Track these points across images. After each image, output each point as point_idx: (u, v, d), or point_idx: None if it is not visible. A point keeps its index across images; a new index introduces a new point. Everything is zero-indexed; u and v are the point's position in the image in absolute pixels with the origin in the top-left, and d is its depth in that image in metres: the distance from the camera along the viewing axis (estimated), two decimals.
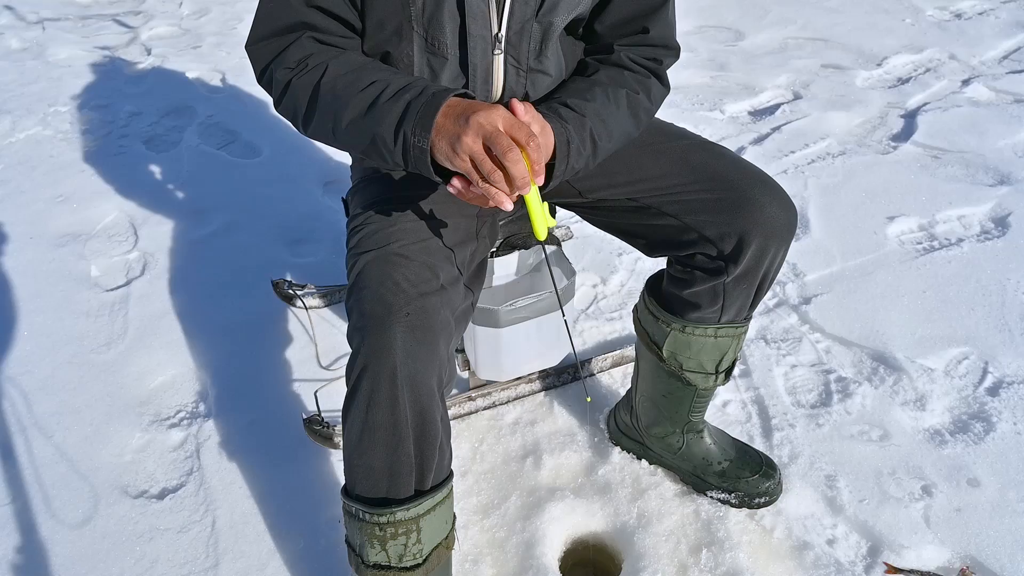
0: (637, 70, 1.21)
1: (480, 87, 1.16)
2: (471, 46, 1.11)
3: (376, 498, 1.08)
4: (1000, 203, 2.43)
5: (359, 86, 1.03)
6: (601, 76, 1.19)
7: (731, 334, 1.32)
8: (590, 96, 1.14)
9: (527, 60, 1.15)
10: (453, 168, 0.98)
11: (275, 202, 2.60)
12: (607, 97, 1.15)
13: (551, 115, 1.08)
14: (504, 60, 1.14)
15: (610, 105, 1.15)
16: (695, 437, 1.53)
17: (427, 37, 1.10)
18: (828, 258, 2.21)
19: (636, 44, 1.22)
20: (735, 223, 1.17)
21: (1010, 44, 3.73)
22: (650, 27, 1.20)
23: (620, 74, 1.20)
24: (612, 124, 1.14)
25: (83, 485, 1.61)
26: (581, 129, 1.09)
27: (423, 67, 1.14)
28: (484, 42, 1.11)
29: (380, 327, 1.00)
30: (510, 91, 1.18)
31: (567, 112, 1.10)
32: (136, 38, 4.21)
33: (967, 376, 1.80)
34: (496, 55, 1.13)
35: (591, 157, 1.12)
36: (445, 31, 1.10)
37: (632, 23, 1.21)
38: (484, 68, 1.14)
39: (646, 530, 1.46)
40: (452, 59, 1.12)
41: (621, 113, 1.16)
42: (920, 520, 1.47)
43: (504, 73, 1.15)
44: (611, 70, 1.20)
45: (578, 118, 1.10)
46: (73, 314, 2.09)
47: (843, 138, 2.91)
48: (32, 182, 2.74)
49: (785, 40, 3.91)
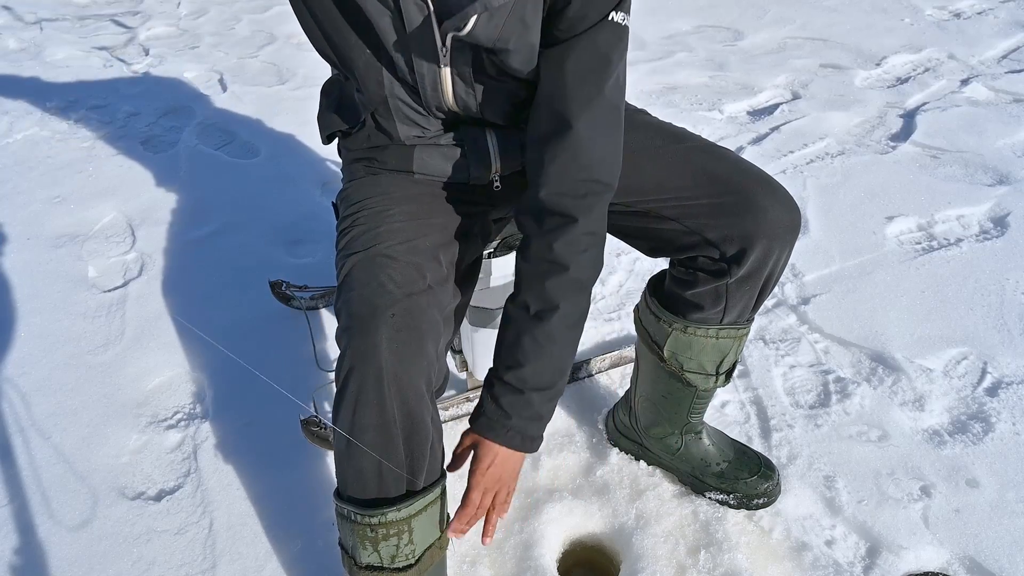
0: (560, 264, 1.09)
1: (430, 94, 1.17)
2: (416, 59, 1.12)
3: (367, 499, 1.07)
4: (999, 203, 2.42)
5: None
6: (527, 296, 1.11)
7: (733, 335, 1.32)
8: (521, 355, 1.10)
9: (471, 76, 1.15)
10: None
11: (273, 203, 2.60)
12: (538, 344, 1.09)
13: (496, 418, 1.11)
14: (451, 73, 1.14)
15: (545, 349, 1.10)
16: (694, 438, 1.52)
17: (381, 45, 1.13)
18: (827, 258, 2.21)
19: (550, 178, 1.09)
20: (738, 226, 1.16)
21: (1009, 44, 3.73)
22: (547, 165, 1.08)
23: (541, 287, 1.09)
24: (557, 362, 1.11)
25: (80, 486, 1.60)
26: (528, 406, 1.11)
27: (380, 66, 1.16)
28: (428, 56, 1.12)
29: (365, 329, 1.01)
30: (461, 101, 1.18)
31: (507, 398, 1.10)
32: (134, 38, 4.21)
33: (966, 376, 1.80)
34: (443, 68, 1.13)
35: (553, 399, 1.14)
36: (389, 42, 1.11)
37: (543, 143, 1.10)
38: (431, 79, 1.14)
39: (644, 531, 1.46)
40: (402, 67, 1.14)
41: (559, 344, 1.11)
42: (919, 521, 1.47)
43: (452, 84, 1.16)
44: (536, 288, 1.10)
45: (519, 400, 1.10)
46: (70, 315, 2.09)
47: (842, 138, 2.91)
48: (29, 183, 2.74)
49: (784, 40, 3.91)
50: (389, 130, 1.24)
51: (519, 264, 1.15)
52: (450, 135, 1.24)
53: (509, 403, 1.11)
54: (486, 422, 1.12)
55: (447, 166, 1.26)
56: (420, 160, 1.25)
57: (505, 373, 1.12)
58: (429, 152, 1.25)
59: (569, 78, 1.08)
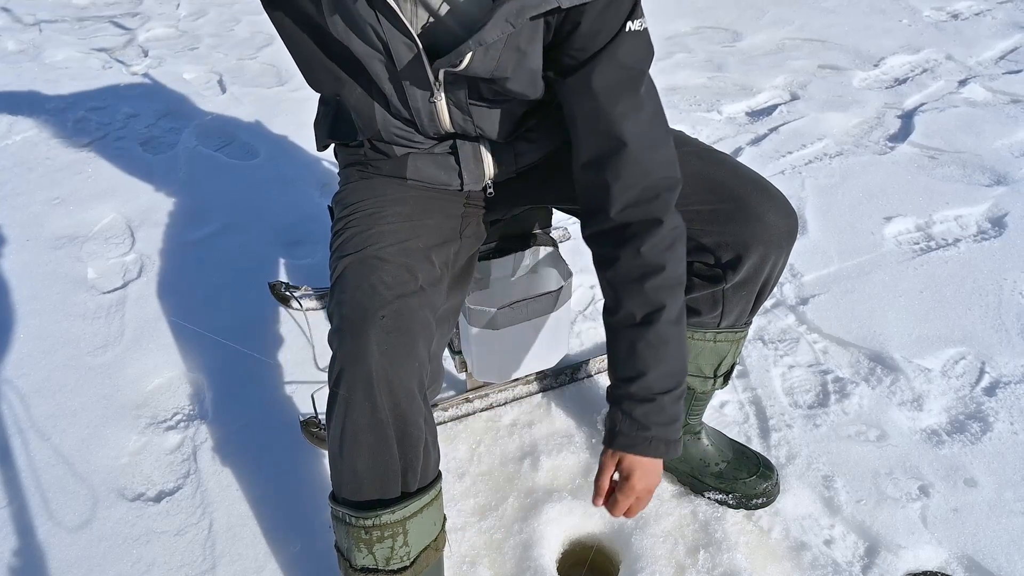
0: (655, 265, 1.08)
1: (428, 125, 1.18)
2: (409, 94, 1.12)
3: (361, 501, 1.08)
4: (997, 203, 2.43)
5: None
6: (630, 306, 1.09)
7: (730, 339, 1.32)
8: (641, 364, 1.08)
9: (466, 103, 1.15)
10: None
11: (272, 204, 2.60)
12: (653, 348, 1.08)
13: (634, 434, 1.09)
14: (446, 103, 1.15)
15: (661, 351, 1.08)
16: (692, 438, 1.53)
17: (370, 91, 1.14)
18: (825, 259, 2.21)
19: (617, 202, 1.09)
20: (734, 233, 1.16)
21: (1007, 44, 3.74)
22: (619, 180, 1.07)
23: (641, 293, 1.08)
24: (678, 361, 1.10)
25: (80, 488, 1.60)
26: (661, 411, 1.09)
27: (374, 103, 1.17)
28: (422, 91, 1.13)
29: (356, 331, 1.01)
30: (458, 127, 1.19)
31: (640, 409, 1.09)
32: (133, 40, 4.21)
33: (964, 376, 1.80)
34: (437, 100, 1.13)
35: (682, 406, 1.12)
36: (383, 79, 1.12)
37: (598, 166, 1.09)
38: (427, 112, 1.15)
39: (644, 531, 1.46)
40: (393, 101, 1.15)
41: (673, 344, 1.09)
42: (917, 520, 1.47)
43: (449, 113, 1.16)
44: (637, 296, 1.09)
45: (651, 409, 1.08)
46: (70, 316, 2.09)
47: (840, 139, 2.91)
48: (28, 184, 2.74)
49: (782, 41, 3.92)
50: (386, 152, 1.25)
51: (607, 278, 1.13)
52: (445, 145, 1.25)
53: (643, 414, 1.09)
54: (625, 440, 1.10)
55: (441, 174, 1.27)
56: (414, 167, 1.26)
57: (630, 386, 1.09)
58: (423, 160, 1.26)
59: (603, 99, 1.06)
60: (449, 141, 1.24)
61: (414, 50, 1.05)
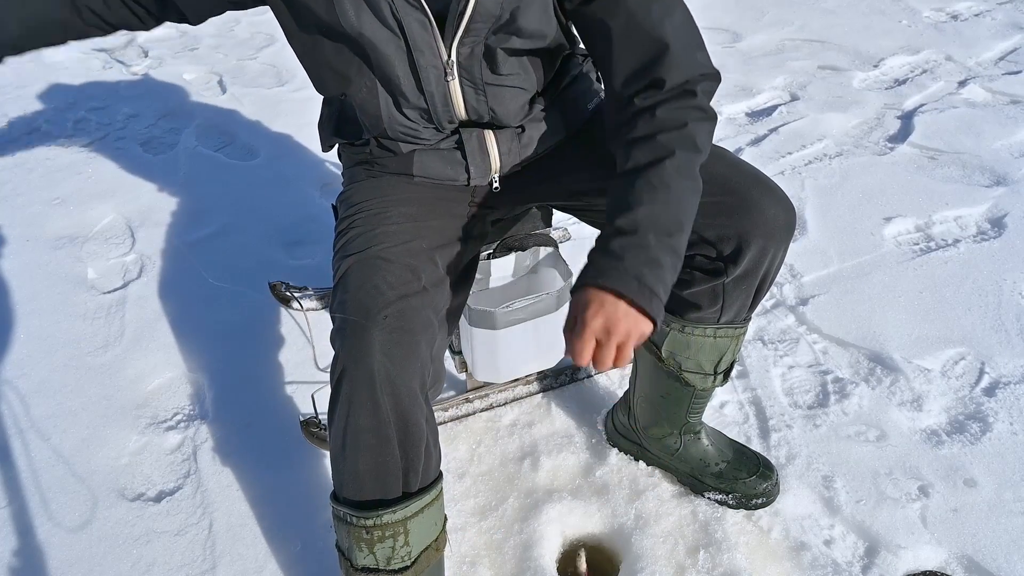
0: (671, 122, 1.05)
1: (441, 110, 1.18)
2: (424, 77, 1.13)
3: (363, 501, 1.08)
4: (996, 204, 2.43)
5: None
6: (637, 156, 1.03)
7: (730, 335, 1.32)
8: (633, 199, 1.00)
9: (482, 79, 1.15)
10: None
11: (272, 204, 2.60)
12: (652, 187, 1.00)
13: (601, 264, 0.97)
14: (460, 83, 1.15)
15: (658, 192, 1.00)
16: (692, 438, 1.53)
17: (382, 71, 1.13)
18: (825, 259, 2.21)
19: (656, 95, 1.06)
20: (734, 225, 1.17)
21: (1006, 45, 3.74)
22: (663, 76, 1.05)
23: (653, 142, 1.03)
24: (675, 210, 1.00)
25: (80, 488, 1.60)
26: (643, 249, 0.96)
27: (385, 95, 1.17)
28: (436, 71, 1.13)
29: (358, 330, 1.01)
30: (472, 109, 1.19)
31: (618, 242, 0.97)
32: (133, 40, 4.21)
33: (963, 377, 1.80)
34: (451, 80, 1.14)
35: (674, 260, 1.00)
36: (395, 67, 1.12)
37: (640, 76, 1.07)
38: (441, 94, 1.15)
39: (644, 531, 1.47)
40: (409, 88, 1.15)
41: (675, 192, 1.01)
42: (917, 520, 1.47)
43: (463, 94, 1.16)
44: (644, 145, 1.04)
45: (633, 241, 0.97)
46: (70, 316, 2.09)
47: (840, 139, 2.91)
48: (29, 184, 2.74)
49: (782, 41, 3.92)
50: (392, 149, 1.25)
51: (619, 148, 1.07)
52: (451, 139, 1.25)
53: (620, 245, 0.97)
54: (592, 271, 0.97)
55: (447, 169, 1.27)
56: (420, 164, 1.26)
57: (615, 220, 0.99)
58: (429, 156, 1.26)
59: (636, 8, 1.05)
60: (455, 136, 1.24)
61: (428, 27, 1.06)
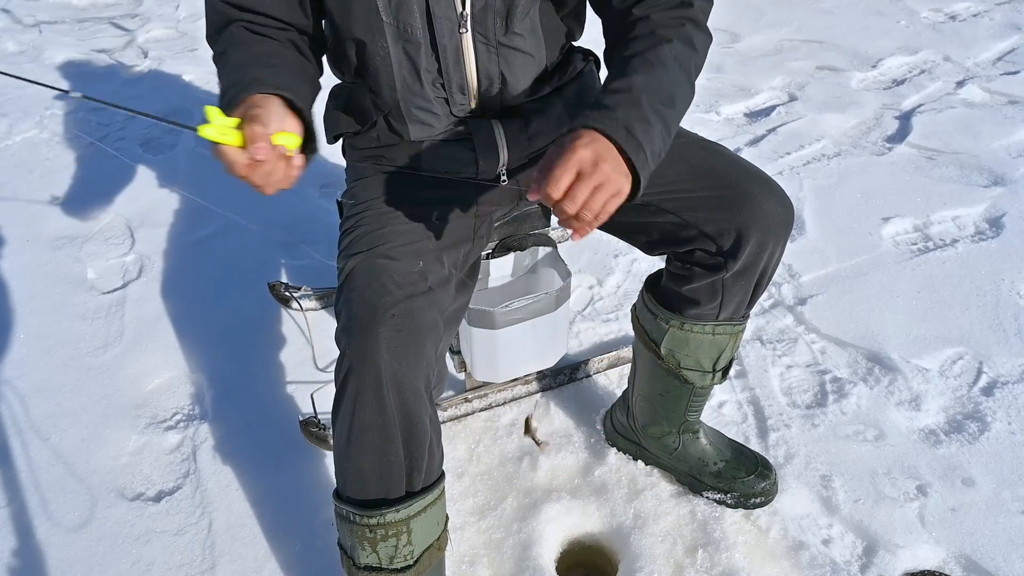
0: (668, 23, 1.07)
1: (453, 69, 1.17)
2: (437, 28, 1.12)
3: (366, 500, 1.08)
4: (994, 204, 2.43)
5: (240, 52, 1.12)
6: (634, 45, 1.05)
7: (729, 332, 1.32)
8: (629, 70, 1.00)
9: (495, 36, 1.15)
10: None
11: (271, 204, 2.60)
12: (648, 63, 1.01)
13: (593, 114, 0.94)
14: (472, 38, 1.14)
15: (655, 68, 1.00)
16: (691, 437, 1.53)
17: (398, 25, 1.12)
18: (823, 259, 2.21)
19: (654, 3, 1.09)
20: (734, 219, 1.17)
21: (1004, 46, 3.74)
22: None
23: (651, 35, 1.05)
24: (668, 86, 1.00)
25: (79, 488, 1.60)
26: (636, 106, 0.95)
27: (400, 56, 1.15)
28: (450, 22, 1.12)
29: (365, 329, 1.01)
30: (484, 70, 1.18)
31: (612, 98, 0.96)
32: (133, 41, 4.21)
33: (961, 376, 1.80)
34: (463, 33, 1.13)
35: (664, 129, 0.97)
36: (415, 14, 1.11)
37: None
38: (454, 48, 1.15)
39: (642, 531, 1.47)
40: (424, 43, 1.14)
41: (670, 72, 1.01)
42: (915, 520, 1.48)
43: (475, 52, 1.16)
44: (641, 38, 1.06)
45: (625, 97, 0.96)
46: (69, 317, 2.09)
47: (838, 139, 2.91)
48: (28, 185, 2.74)
49: (780, 42, 3.92)
50: (400, 131, 1.24)
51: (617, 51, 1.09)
52: (459, 129, 1.25)
53: (612, 100, 0.96)
54: (584, 118, 0.94)
55: (455, 160, 1.26)
56: (428, 156, 1.26)
57: (610, 83, 1.00)
58: (437, 148, 1.26)
59: None
60: (463, 126, 1.24)
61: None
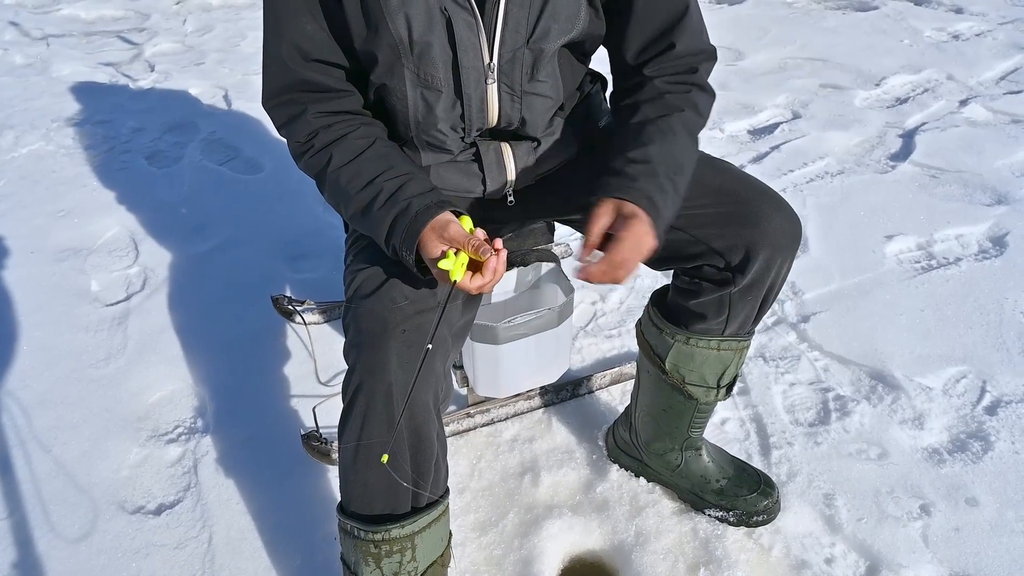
0: (676, 90, 1.18)
1: (476, 115, 1.18)
2: (464, 78, 1.13)
3: (371, 515, 1.08)
4: (997, 223, 2.43)
5: (358, 184, 1.11)
6: (646, 111, 1.17)
7: (734, 348, 1.32)
8: (645, 138, 1.12)
9: (520, 85, 1.16)
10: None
11: (276, 218, 2.61)
12: (661, 132, 1.13)
13: (618, 182, 1.07)
14: (498, 87, 1.16)
15: (668, 137, 1.12)
16: (694, 454, 1.53)
17: (419, 73, 1.12)
18: (827, 276, 2.21)
19: (666, 62, 1.19)
20: (743, 235, 1.18)
21: (1007, 65, 3.76)
22: (676, 41, 1.17)
23: (662, 101, 1.17)
24: (679, 155, 1.12)
25: (80, 500, 1.60)
26: (654, 177, 1.07)
27: (416, 100, 1.16)
28: (477, 72, 1.13)
29: (376, 344, 1.01)
30: (505, 116, 1.19)
31: (633, 168, 1.08)
32: (140, 54, 4.24)
33: (965, 395, 1.80)
34: (490, 84, 1.15)
35: (676, 196, 1.10)
36: (437, 65, 1.12)
37: (656, 43, 1.18)
38: (479, 97, 1.16)
39: (644, 548, 1.46)
40: (446, 91, 1.14)
41: (680, 141, 1.13)
42: (919, 539, 1.47)
43: (499, 99, 1.17)
44: (653, 103, 1.18)
45: (645, 168, 1.08)
46: (72, 328, 2.09)
47: (842, 157, 2.92)
48: (34, 197, 2.76)
49: (784, 60, 3.94)
50: (412, 159, 1.25)
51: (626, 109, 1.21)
52: (469, 152, 1.25)
53: (634, 171, 1.08)
54: (609, 187, 1.07)
55: (463, 181, 1.27)
56: (437, 175, 1.26)
57: (628, 152, 1.11)
58: (446, 168, 1.26)
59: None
60: (472, 149, 1.25)
61: (474, 27, 1.08)
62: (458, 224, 1.04)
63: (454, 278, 1.00)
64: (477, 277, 1.02)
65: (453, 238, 1.02)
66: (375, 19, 1.07)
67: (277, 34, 1.13)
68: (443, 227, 1.03)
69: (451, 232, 1.02)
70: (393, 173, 1.10)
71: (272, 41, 1.14)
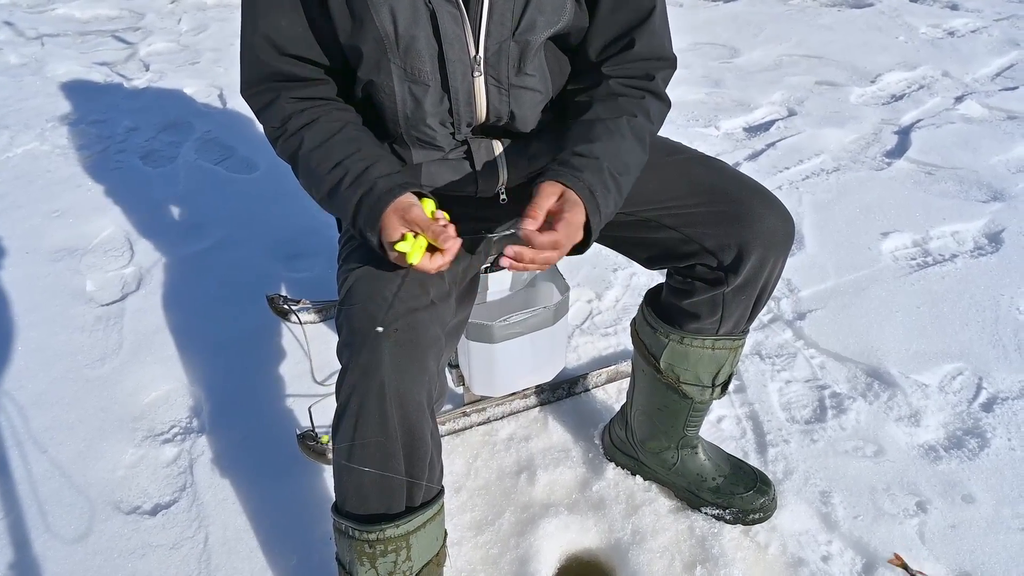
0: (630, 93, 1.19)
1: (464, 109, 1.17)
2: (451, 71, 1.12)
3: (366, 515, 1.07)
4: (993, 219, 2.44)
5: (327, 166, 1.12)
6: (598, 110, 1.17)
7: (728, 346, 1.32)
8: (593, 136, 1.13)
9: (507, 78, 1.16)
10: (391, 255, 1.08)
11: (271, 217, 2.61)
12: (609, 131, 1.14)
13: (564, 171, 1.08)
14: (485, 80, 1.15)
15: (615, 137, 1.13)
16: (690, 453, 1.53)
17: (405, 67, 1.12)
18: (822, 274, 2.22)
19: (624, 63, 1.19)
20: (735, 234, 1.18)
21: (1002, 61, 3.76)
22: (636, 40, 1.18)
23: (615, 103, 1.17)
24: (625, 156, 1.13)
25: (76, 501, 1.60)
26: (599, 172, 1.08)
27: (404, 95, 1.15)
28: (463, 65, 1.13)
29: (368, 343, 1.01)
30: (494, 110, 1.19)
31: (579, 161, 1.09)
32: (134, 54, 4.23)
33: (961, 392, 1.80)
34: (476, 76, 1.14)
35: (617, 195, 1.12)
36: (424, 59, 1.11)
37: (617, 41, 1.19)
38: (466, 91, 1.15)
39: (640, 546, 1.46)
40: (434, 85, 1.14)
41: (628, 142, 1.15)
42: (915, 536, 1.47)
43: (486, 93, 1.17)
44: (605, 102, 1.18)
45: (591, 162, 1.09)
46: (68, 329, 2.09)
47: (837, 154, 2.92)
48: (29, 197, 2.75)
49: (779, 57, 3.94)
50: (403, 156, 1.25)
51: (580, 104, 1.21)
52: (460, 149, 1.25)
53: (579, 163, 1.09)
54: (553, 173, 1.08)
55: (455, 179, 1.27)
56: (428, 174, 1.26)
57: (575, 147, 1.12)
58: (438, 166, 1.26)
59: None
60: (464, 147, 1.25)
61: (459, 20, 1.08)
62: (420, 207, 1.06)
63: (411, 261, 1.01)
64: (437, 256, 1.04)
65: (414, 220, 1.04)
66: (360, 13, 1.07)
67: (252, 27, 1.14)
68: (405, 209, 1.05)
69: (412, 215, 1.04)
70: (361, 155, 1.12)
71: (247, 32, 1.16)
